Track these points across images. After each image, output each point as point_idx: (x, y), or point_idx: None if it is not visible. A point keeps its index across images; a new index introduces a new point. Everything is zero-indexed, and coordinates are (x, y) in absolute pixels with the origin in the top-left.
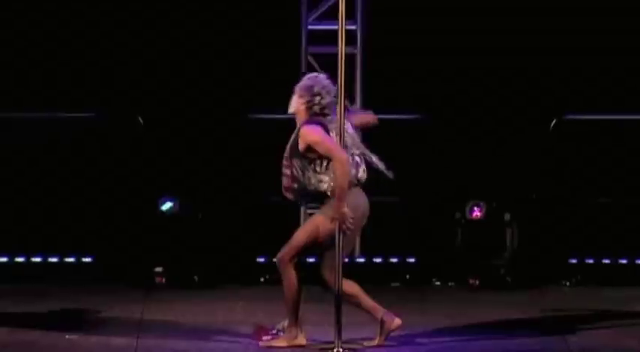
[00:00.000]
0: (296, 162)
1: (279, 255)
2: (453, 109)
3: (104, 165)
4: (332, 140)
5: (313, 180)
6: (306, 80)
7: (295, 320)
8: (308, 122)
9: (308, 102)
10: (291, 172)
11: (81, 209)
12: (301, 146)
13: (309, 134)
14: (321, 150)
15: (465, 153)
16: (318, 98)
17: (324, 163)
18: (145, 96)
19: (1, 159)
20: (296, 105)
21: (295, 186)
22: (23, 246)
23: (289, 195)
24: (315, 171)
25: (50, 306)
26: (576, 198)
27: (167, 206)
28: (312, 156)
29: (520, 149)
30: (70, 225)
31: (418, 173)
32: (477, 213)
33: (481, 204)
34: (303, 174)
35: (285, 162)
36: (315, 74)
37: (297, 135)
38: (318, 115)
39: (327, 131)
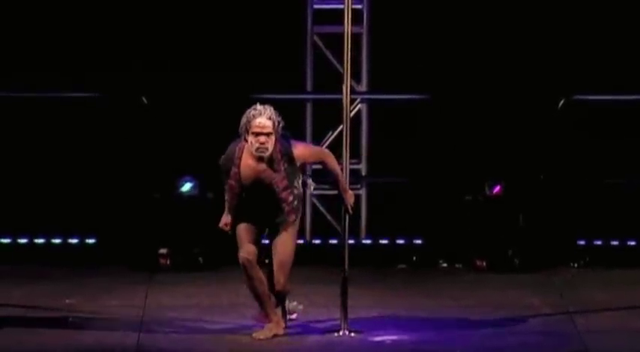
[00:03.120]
0: (295, 183)
1: (287, 287)
2: (459, 90)
3: (107, 146)
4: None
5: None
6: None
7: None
8: (286, 141)
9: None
10: (293, 195)
11: (84, 190)
12: (299, 163)
13: (306, 150)
14: (312, 157)
15: (471, 133)
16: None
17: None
18: (150, 77)
19: (5, 139)
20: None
21: (296, 202)
22: (26, 226)
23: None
24: (299, 179)
25: (53, 288)
26: (584, 178)
27: (187, 187)
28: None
29: (528, 129)
30: (74, 206)
31: (424, 153)
32: (497, 190)
33: (501, 181)
34: (298, 188)
35: (283, 195)
36: (253, 108)
37: (290, 158)
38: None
39: None
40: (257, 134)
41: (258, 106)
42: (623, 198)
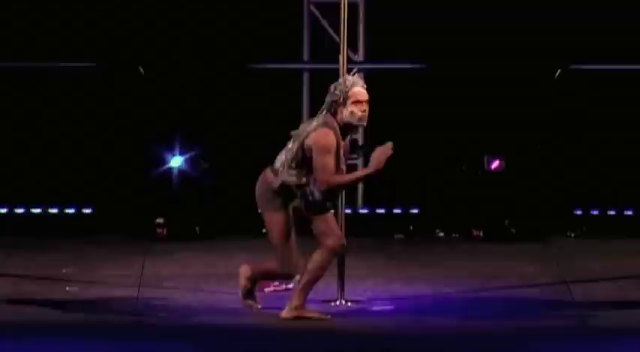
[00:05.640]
0: None
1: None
2: (455, 60)
3: (104, 116)
4: None
5: None
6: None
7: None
8: None
9: None
10: None
11: (81, 160)
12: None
13: None
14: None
15: (468, 104)
16: None
17: None
18: (146, 47)
19: (2, 110)
20: None
21: None
22: (23, 197)
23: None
24: None
25: (50, 258)
26: (581, 148)
27: (177, 161)
28: None
29: (524, 99)
30: (71, 176)
31: (420, 123)
32: (495, 166)
33: (499, 156)
34: None
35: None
36: (345, 79)
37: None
38: None
39: None
40: (360, 102)
41: (349, 76)
42: (621, 168)
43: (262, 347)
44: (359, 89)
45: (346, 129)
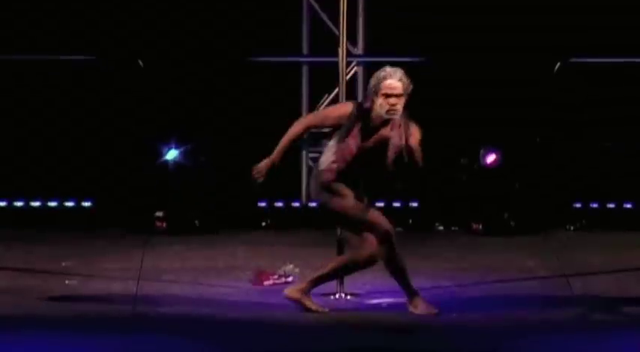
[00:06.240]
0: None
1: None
2: (456, 53)
3: (104, 109)
4: None
5: None
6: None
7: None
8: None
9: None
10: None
11: (81, 153)
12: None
13: (417, 135)
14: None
15: (468, 96)
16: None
17: None
18: (145, 39)
19: (2, 102)
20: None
21: None
22: (23, 189)
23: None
24: None
25: (49, 251)
26: (581, 141)
27: (172, 154)
28: None
29: (524, 94)
30: (70, 169)
31: (420, 117)
32: (492, 161)
33: (496, 150)
34: None
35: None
36: (382, 69)
37: (408, 134)
38: None
39: None
40: (388, 95)
41: (388, 68)
42: (621, 161)
43: (261, 340)
44: (390, 82)
45: (381, 120)
